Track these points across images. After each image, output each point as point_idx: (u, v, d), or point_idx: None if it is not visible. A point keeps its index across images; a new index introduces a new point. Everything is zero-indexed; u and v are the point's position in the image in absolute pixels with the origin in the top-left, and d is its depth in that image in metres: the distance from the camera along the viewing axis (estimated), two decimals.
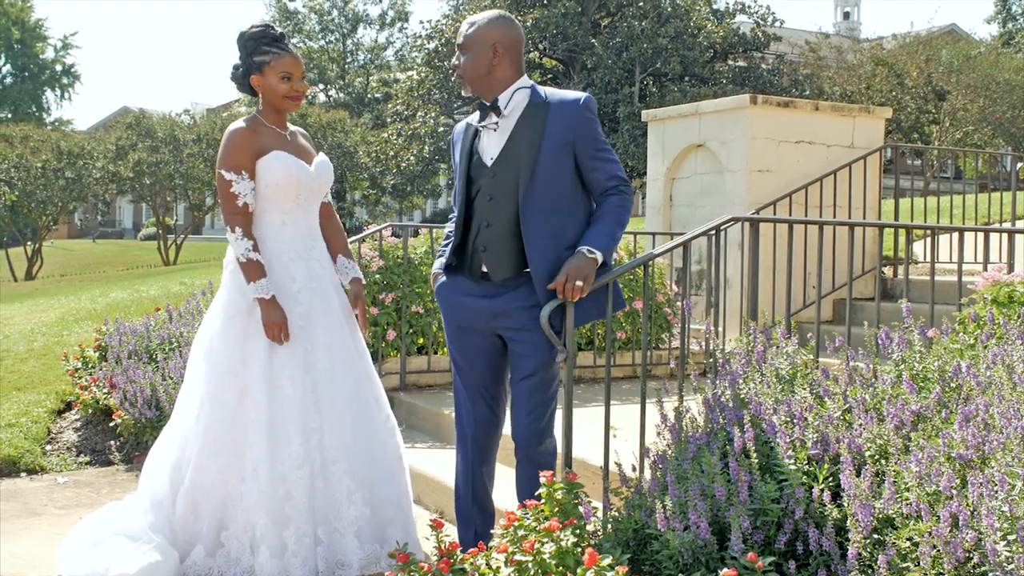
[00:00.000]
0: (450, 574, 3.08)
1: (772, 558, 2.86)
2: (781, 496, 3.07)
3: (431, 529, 3.25)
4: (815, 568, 2.94)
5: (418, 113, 31.97)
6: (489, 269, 3.63)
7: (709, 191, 8.62)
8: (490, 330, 3.66)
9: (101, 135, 36.48)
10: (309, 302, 3.98)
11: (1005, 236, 5.88)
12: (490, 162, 3.63)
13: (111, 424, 6.40)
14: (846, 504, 2.93)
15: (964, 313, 4.26)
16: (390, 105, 35.63)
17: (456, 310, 3.73)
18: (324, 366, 3.95)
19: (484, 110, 3.66)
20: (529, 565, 2.97)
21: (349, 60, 52.39)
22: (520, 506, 3.30)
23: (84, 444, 6.45)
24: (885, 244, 8.97)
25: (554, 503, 3.22)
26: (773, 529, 3.06)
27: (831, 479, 3.11)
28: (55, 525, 4.82)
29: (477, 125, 3.70)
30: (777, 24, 31.88)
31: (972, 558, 2.64)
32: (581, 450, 4.11)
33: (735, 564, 2.87)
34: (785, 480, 3.10)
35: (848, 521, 2.88)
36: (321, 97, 49.50)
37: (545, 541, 3.01)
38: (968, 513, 2.69)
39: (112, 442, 6.31)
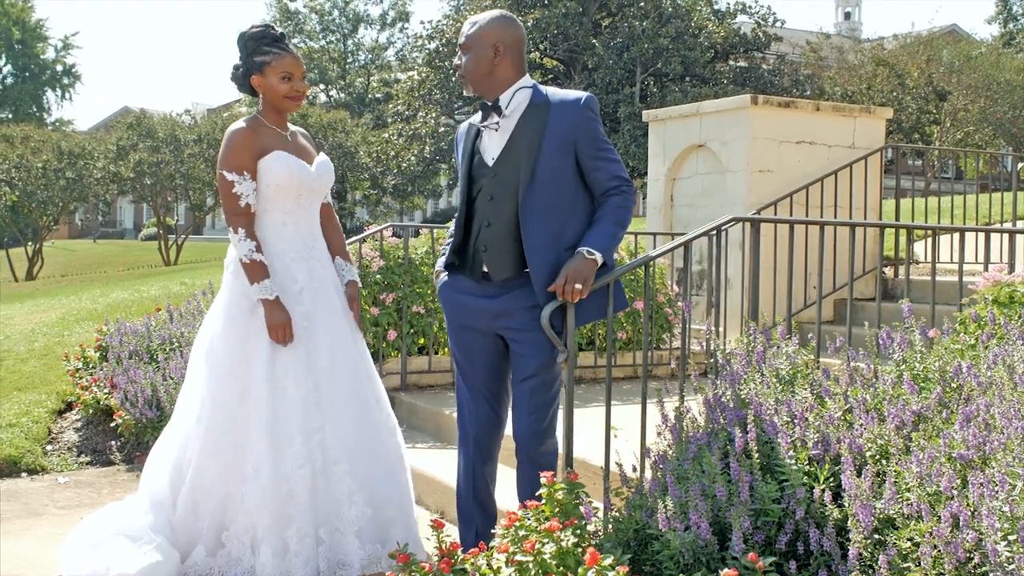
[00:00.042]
0: (451, 574, 3.08)
1: (773, 558, 2.86)
2: (782, 496, 3.07)
3: (432, 529, 3.25)
4: (816, 568, 2.95)
5: (419, 113, 32.02)
6: (490, 269, 3.63)
7: (710, 191, 8.61)
8: (491, 330, 3.66)
9: (102, 135, 36.49)
10: (311, 302, 3.98)
11: (1006, 236, 5.88)
12: (491, 162, 3.63)
13: (112, 424, 6.41)
14: (847, 504, 2.93)
15: (965, 313, 4.26)
16: (391, 105, 35.67)
17: (458, 310, 3.73)
18: (326, 366, 3.95)
19: (486, 110, 3.66)
20: (530, 565, 2.97)
21: (350, 60, 52.42)
22: (521, 506, 3.30)
23: (85, 444, 6.46)
24: (886, 244, 8.97)
25: (555, 503, 3.22)
26: (774, 529, 3.06)
27: (832, 479, 3.11)
28: (56, 525, 4.82)
29: (479, 125, 3.70)
30: (778, 24, 31.92)
31: (973, 558, 2.64)
32: (582, 450, 4.11)
33: (736, 564, 2.87)
34: (786, 480, 3.10)
35: (849, 521, 2.88)
36: (322, 97, 49.53)
37: (546, 541, 3.01)
38: (969, 513, 2.69)
39: (113, 442, 6.32)
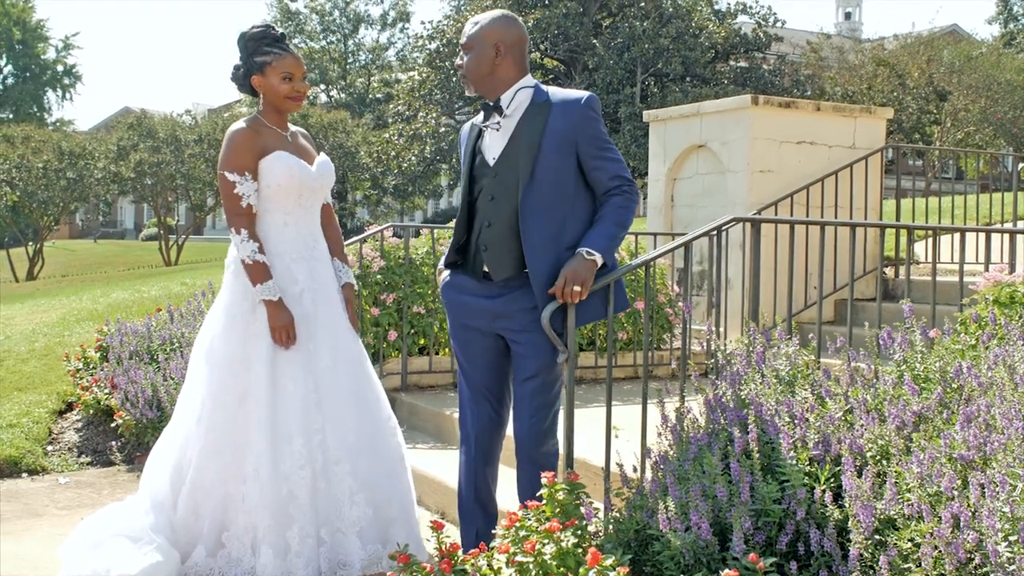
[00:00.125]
0: (452, 575, 3.08)
1: (774, 559, 2.86)
2: (783, 497, 3.07)
3: (432, 530, 3.25)
4: (817, 569, 2.94)
5: (419, 113, 32.03)
6: (490, 269, 3.63)
7: (710, 191, 8.61)
8: (492, 330, 3.66)
9: (102, 135, 36.53)
10: (312, 303, 3.98)
11: (1007, 236, 5.88)
12: (492, 162, 3.63)
13: (112, 425, 6.41)
14: (848, 505, 2.93)
15: (965, 314, 4.26)
16: (391, 105, 35.68)
17: (459, 309, 3.73)
18: (327, 366, 3.94)
19: (487, 110, 3.66)
20: (530, 566, 2.97)
21: (350, 60, 52.43)
22: (522, 507, 3.30)
23: (85, 444, 6.46)
24: (886, 244, 8.97)
25: (556, 504, 3.22)
26: (775, 530, 3.05)
27: (833, 480, 3.11)
28: (56, 526, 4.82)
29: (481, 125, 3.71)
30: (778, 24, 31.93)
31: (973, 559, 2.63)
32: (583, 451, 4.11)
33: (737, 565, 2.87)
34: (787, 481, 3.10)
35: (850, 522, 2.88)
36: (323, 97, 49.55)
37: (546, 542, 3.01)
38: (969, 514, 2.68)
39: (113, 442, 6.32)
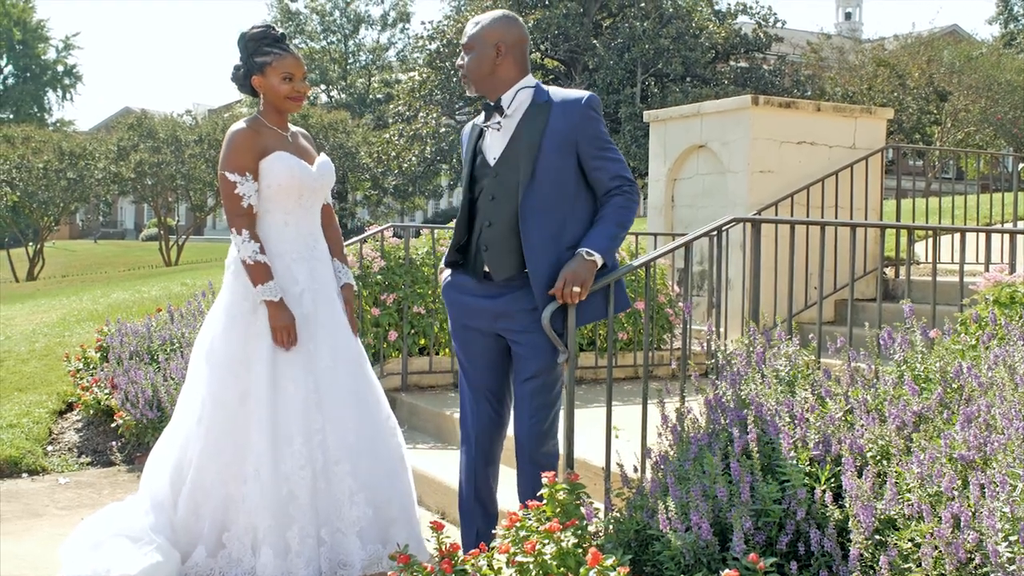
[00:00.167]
0: (452, 575, 3.08)
1: (774, 559, 2.86)
2: (783, 497, 3.07)
3: (432, 530, 3.25)
4: (817, 569, 2.94)
5: (420, 114, 32.03)
6: (491, 269, 3.63)
7: (711, 192, 8.61)
8: (492, 331, 3.66)
9: (103, 136, 36.52)
10: (312, 303, 3.98)
11: (1007, 237, 5.88)
12: (493, 162, 3.63)
13: (112, 425, 6.41)
14: (848, 505, 2.93)
15: (966, 314, 4.26)
16: (392, 106, 35.68)
17: (460, 309, 3.73)
18: (327, 366, 3.94)
19: (488, 110, 3.66)
20: (531, 566, 2.97)
21: (351, 61, 52.44)
22: (522, 507, 3.30)
23: (85, 445, 6.46)
24: (887, 245, 8.97)
25: (556, 504, 3.22)
26: (775, 530, 3.05)
27: (833, 480, 3.11)
28: (57, 526, 4.82)
29: (482, 125, 3.71)
30: (779, 25, 31.93)
31: (974, 559, 2.63)
32: (583, 451, 4.11)
33: (737, 565, 2.87)
34: (787, 481, 3.09)
35: (850, 522, 2.88)
36: (323, 98, 49.55)
37: (547, 542, 3.01)
38: (970, 514, 2.69)
39: (113, 443, 6.32)
